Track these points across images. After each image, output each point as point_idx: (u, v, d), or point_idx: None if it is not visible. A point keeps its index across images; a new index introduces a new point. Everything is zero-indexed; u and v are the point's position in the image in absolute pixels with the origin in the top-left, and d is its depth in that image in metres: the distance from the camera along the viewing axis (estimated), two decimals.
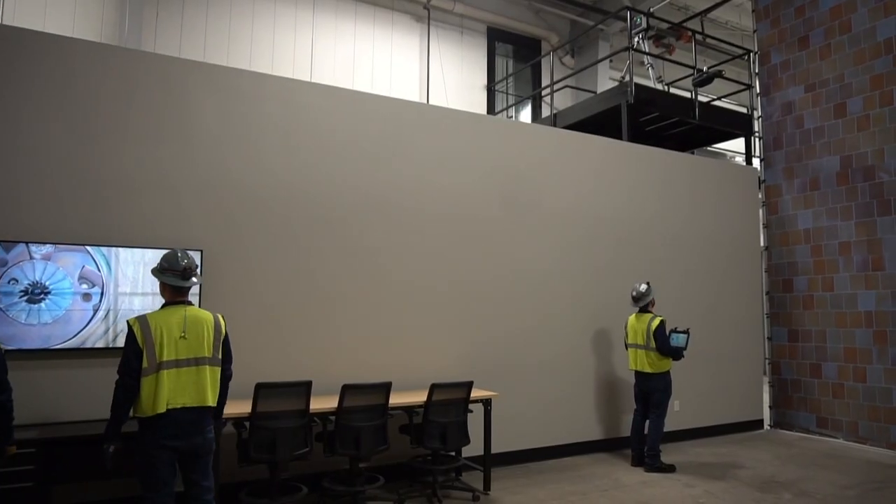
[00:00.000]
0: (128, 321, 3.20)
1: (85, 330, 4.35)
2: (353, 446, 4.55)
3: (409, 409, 4.93)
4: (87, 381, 4.37)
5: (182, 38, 8.14)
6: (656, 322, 5.96)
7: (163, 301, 3.38)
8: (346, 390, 4.51)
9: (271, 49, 8.82)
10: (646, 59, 9.02)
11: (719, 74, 8.09)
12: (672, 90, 9.04)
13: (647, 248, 7.18)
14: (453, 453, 5.30)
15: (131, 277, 4.50)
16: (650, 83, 8.84)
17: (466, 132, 6.13)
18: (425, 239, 5.79)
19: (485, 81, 10.94)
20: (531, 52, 11.61)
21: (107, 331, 4.41)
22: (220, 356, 3.33)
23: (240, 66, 6.74)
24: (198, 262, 3.35)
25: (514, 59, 11.63)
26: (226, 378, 3.41)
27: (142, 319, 3.20)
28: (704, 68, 8.20)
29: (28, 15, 6.79)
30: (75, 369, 4.36)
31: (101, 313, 4.40)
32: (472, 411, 5.13)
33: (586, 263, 6.72)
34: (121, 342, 4.43)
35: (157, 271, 3.32)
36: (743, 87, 8.92)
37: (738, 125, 8.76)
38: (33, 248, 4.22)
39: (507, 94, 11.42)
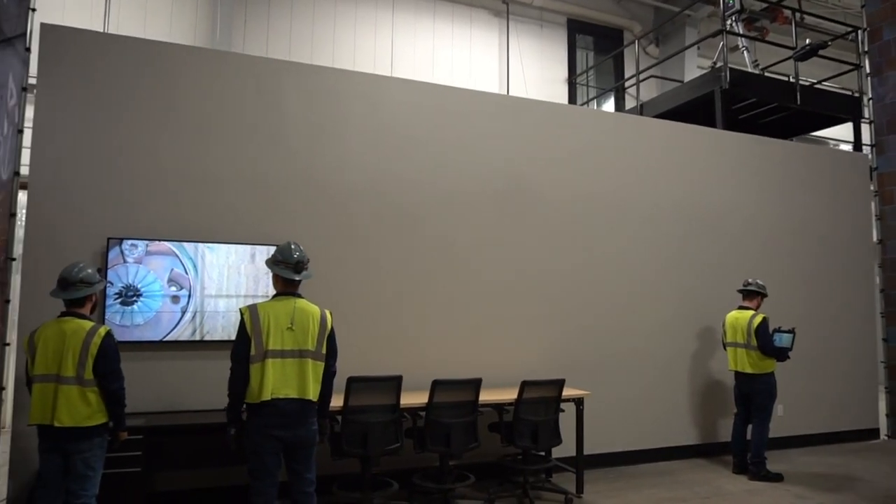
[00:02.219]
0: (240, 309, 3.30)
1: (174, 331, 4.49)
2: (444, 443, 4.47)
3: (499, 407, 4.81)
4: (189, 373, 4.52)
5: (268, 42, 8.38)
6: (758, 319, 5.57)
7: (274, 292, 3.44)
8: (436, 386, 4.44)
9: (353, 50, 8.94)
10: (740, 42, 8.51)
11: (824, 45, 7.48)
12: (768, 75, 8.48)
13: (747, 242, 6.74)
14: (543, 453, 5.13)
15: (216, 280, 4.62)
16: (745, 68, 8.32)
17: (551, 123, 5.95)
18: (514, 233, 5.66)
19: (565, 75, 10.68)
20: (613, 42, 11.25)
21: (194, 332, 4.54)
22: (323, 351, 3.33)
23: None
24: (315, 255, 3.39)
25: (595, 51, 11.30)
26: (329, 374, 3.41)
27: (252, 308, 3.26)
28: (807, 41, 7.62)
29: (129, 22, 7.19)
30: (176, 361, 4.51)
31: (188, 315, 4.53)
32: (563, 410, 4.94)
33: (681, 258, 6.38)
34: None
35: (270, 263, 3.38)
36: (850, 67, 8.25)
37: (844, 109, 8.11)
38: (126, 251, 4.39)
39: (588, 86, 11.11)
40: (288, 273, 3.33)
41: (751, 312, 5.69)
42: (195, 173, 4.68)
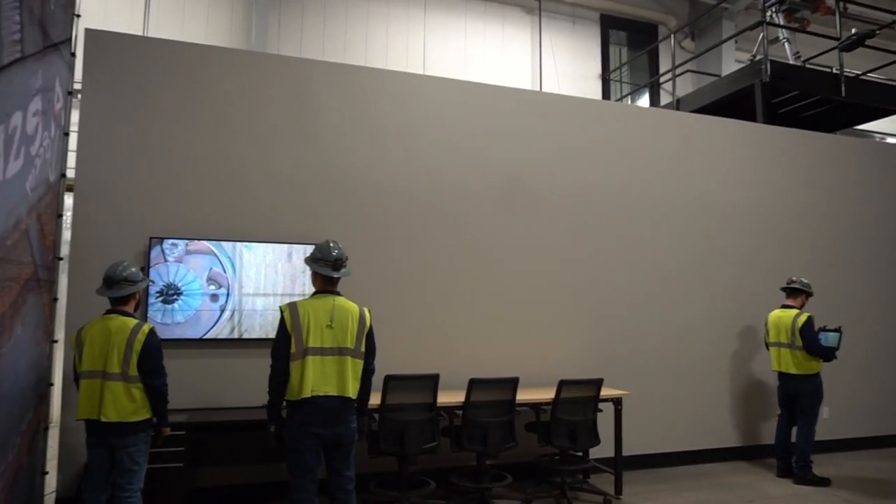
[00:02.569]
0: (280, 307, 3.31)
1: (213, 330, 4.56)
2: (481, 442, 4.45)
3: (536, 406, 4.76)
4: (228, 370, 4.58)
5: (302, 42, 8.47)
6: (803, 318, 5.40)
7: (312, 290, 3.46)
8: (473, 385, 4.42)
9: (385, 50, 8.97)
10: (781, 33, 8.27)
11: (871, 34, 7.21)
12: (810, 67, 8.23)
13: (790, 239, 6.55)
14: (581, 454, 5.07)
15: (254, 279, 4.66)
16: (786, 60, 8.09)
17: (584, 119, 5.87)
18: (550, 231, 5.60)
19: (599, 71, 10.54)
20: (647, 38, 11.06)
21: (232, 330, 4.60)
22: (362, 349, 3.34)
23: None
24: (350, 254, 3.41)
25: (629, 46, 11.13)
26: (368, 372, 3.41)
27: (292, 306, 3.28)
28: (853, 30, 7.37)
29: (168, 25, 7.35)
30: (215, 359, 4.57)
31: (227, 314, 4.59)
32: (601, 410, 4.87)
33: (722, 256, 6.24)
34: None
35: (309, 260, 3.40)
36: None
37: (892, 100, 7.82)
38: (167, 250, 4.47)
39: (621, 82, 10.95)
40: (327, 271, 3.34)
41: (794, 311, 5.53)
42: (233, 173, 4.74)
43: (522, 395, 4.65)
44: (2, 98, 3.23)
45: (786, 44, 8.29)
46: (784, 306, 5.64)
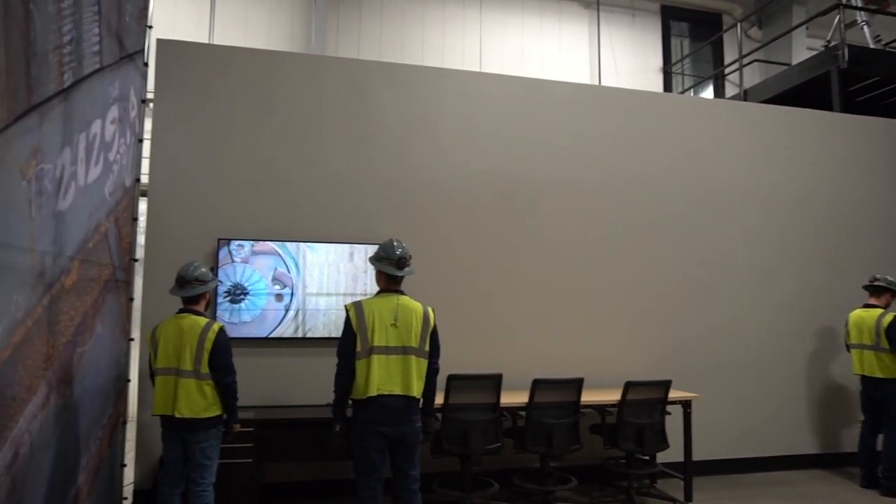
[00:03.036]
0: (345, 306, 3.34)
1: (278, 329, 4.64)
2: (545, 444, 4.37)
3: (601, 408, 4.64)
4: (292, 369, 4.66)
5: (360, 45, 8.58)
6: (888, 318, 5.06)
7: (376, 290, 3.47)
8: (537, 385, 4.34)
9: (441, 50, 8.99)
10: (858, 16, 7.81)
11: None
12: (891, 52, 7.73)
13: (874, 235, 6.16)
14: (648, 458, 4.91)
15: (317, 278, 4.73)
16: (865, 45, 7.63)
17: (649, 113, 5.69)
18: (613, 229, 5.46)
19: (660, 64, 10.24)
20: (710, 28, 10.67)
21: (296, 329, 4.67)
22: (426, 348, 3.32)
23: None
24: (412, 253, 3.41)
25: (691, 38, 10.77)
26: (432, 372, 3.40)
27: (357, 305, 3.30)
28: None
29: (231, 32, 7.59)
30: (280, 357, 4.67)
31: (291, 313, 4.67)
32: (669, 413, 4.70)
33: (798, 252, 5.93)
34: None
35: (374, 259, 3.42)
36: None
37: None
38: (234, 251, 4.58)
39: (683, 75, 10.60)
40: (391, 269, 3.34)
41: (879, 311, 5.19)
42: (295, 175, 4.83)
43: (587, 397, 4.54)
44: (83, 107, 3.38)
45: (864, 27, 7.83)
46: (867, 305, 5.31)
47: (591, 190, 5.43)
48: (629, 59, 9.97)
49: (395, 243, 3.40)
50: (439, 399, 4.10)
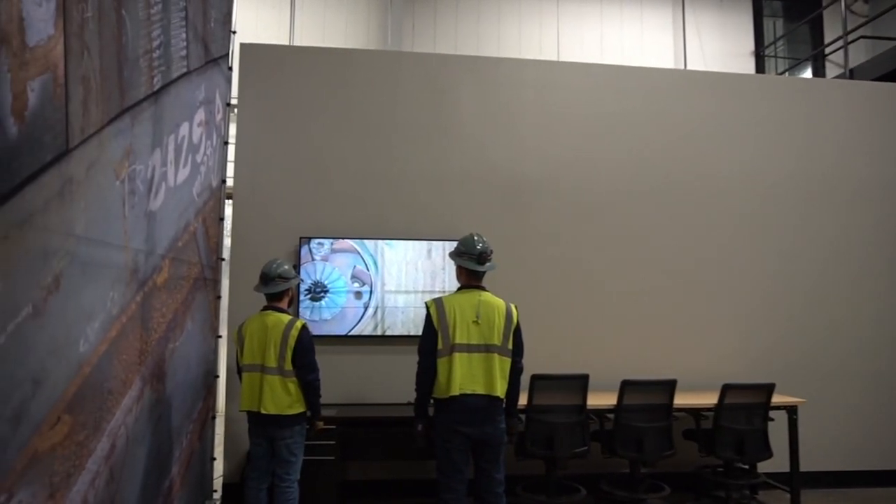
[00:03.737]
0: (426, 302, 3.26)
1: (357, 326, 4.63)
2: (635, 449, 4.13)
3: (696, 412, 4.35)
4: (372, 367, 4.65)
5: (435, 41, 8.55)
6: None
7: (455, 287, 3.38)
8: (626, 386, 4.12)
9: (518, 43, 8.81)
10: None
11: None
12: None
13: None
14: (748, 466, 4.56)
15: (395, 276, 4.69)
16: None
17: (742, 97, 5.29)
18: (706, 221, 5.12)
19: (751, 47, 9.61)
20: (808, 6, 9.91)
21: (375, 327, 4.64)
22: (509, 346, 3.19)
23: None
24: (492, 247, 3.29)
25: (786, 18, 10.04)
26: (516, 371, 3.26)
27: (438, 301, 3.22)
28: None
29: (310, 33, 7.75)
30: (360, 355, 4.66)
31: (370, 311, 4.65)
32: (772, 419, 4.34)
33: None
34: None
35: (454, 255, 3.33)
36: None
37: None
38: (314, 249, 4.61)
39: (777, 58, 9.90)
40: (472, 264, 3.23)
41: None
42: (375, 173, 4.83)
43: (680, 399, 4.27)
44: (171, 109, 3.48)
45: None
46: None
47: (682, 180, 5.12)
48: (717, 44, 9.40)
49: (475, 237, 3.29)
50: (523, 400, 3.97)
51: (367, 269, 4.68)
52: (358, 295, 4.67)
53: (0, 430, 1.90)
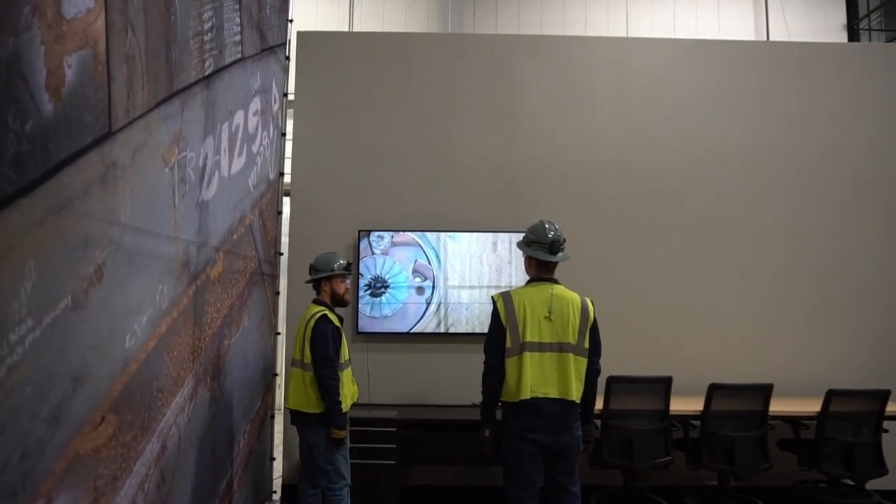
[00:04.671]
0: (492, 297, 2.97)
1: (419, 323, 4.40)
2: (725, 460, 3.72)
3: (794, 420, 3.89)
4: (435, 366, 4.42)
5: (497, 23, 8.24)
6: None
7: (527, 278, 3.06)
8: (715, 391, 3.71)
9: (584, 22, 8.39)
10: None
11: None
12: None
13: None
14: (855, 484, 4.04)
15: (459, 270, 4.43)
16: None
17: (837, 70, 4.73)
18: (803, 207, 4.60)
19: (843, 20, 8.83)
20: None
21: (438, 324, 4.40)
22: (585, 345, 2.87)
23: None
24: (565, 236, 2.97)
25: None
26: (593, 372, 2.93)
27: (506, 296, 2.93)
28: None
29: (370, 20, 7.60)
30: (422, 354, 4.43)
31: (433, 307, 4.41)
32: (886, 431, 3.83)
33: None
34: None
35: (523, 244, 3.01)
36: None
37: None
38: (374, 242, 4.41)
39: (871, 30, 9.06)
40: (543, 254, 2.92)
41: None
42: (437, 162, 4.59)
43: (776, 406, 3.81)
44: (225, 96, 3.34)
45: None
46: None
47: (771, 163, 4.62)
48: (803, 17, 8.67)
49: (546, 225, 2.98)
50: (598, 404, 3.62)
51: (430, 263, 4.45)
52: (420, 290, 4.44)
53: (36, 430, 1.75)
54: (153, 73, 2.48)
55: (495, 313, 2.89)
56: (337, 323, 3.30)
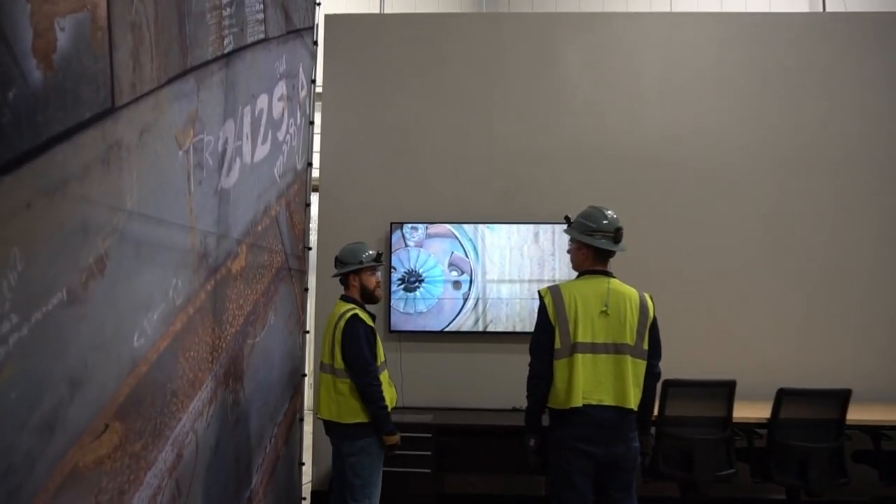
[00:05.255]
0: (539, 291, 2.66)
1: (456, 320, 4.14)
2: (795, 473, 3.35)
3: (875, 430, 3.49)
4: (473, 367, 4.14)
5: (534, 5, 7.85)
6: None
7: (573, 273, 2.74)
8: (783, 396, 3.35)
9: (625, 2, 7.94)
10: None
11: None
12: None
13: None
14: None
15: (497, 263, 4.14)
16: None
17: None
18: (880, 194, 4.17)
19: None
20: None
21: (476, 321, 4.13)
22: (644, 346, 2.56)
23: None
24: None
25: None
26: (653, 376, 2.61)
27: (554, 290, 2.61)
28: None
29: (401, 5, 7.31)
30: (460, 354, 4.16)
31: (470, 302, 4.14)
32: None
33: None
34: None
35: (581, 232, 2.64)
36: None
37: None
38: (407, 234, 4.16)
39: None
40: (607, 243, 2.60)
41: None
42: (473, 150, 4.33)
43: (855, 414, 3.42)
44: (247, 78, 3.12)
45: None
46: None
47: (843, 148, 4.21)
48: None
49: (604, 211, 2.66)
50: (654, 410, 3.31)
51: (466, 256, 4.17)
52: (456, 285, 4.17)
53: (24, 442, 1.52)
54: (164, 47, 2.25)
55: (542, 310, 2.59)
56: (370, 322, 3.03)
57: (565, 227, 2.76)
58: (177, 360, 2.34)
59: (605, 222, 2.61)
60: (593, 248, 2.60)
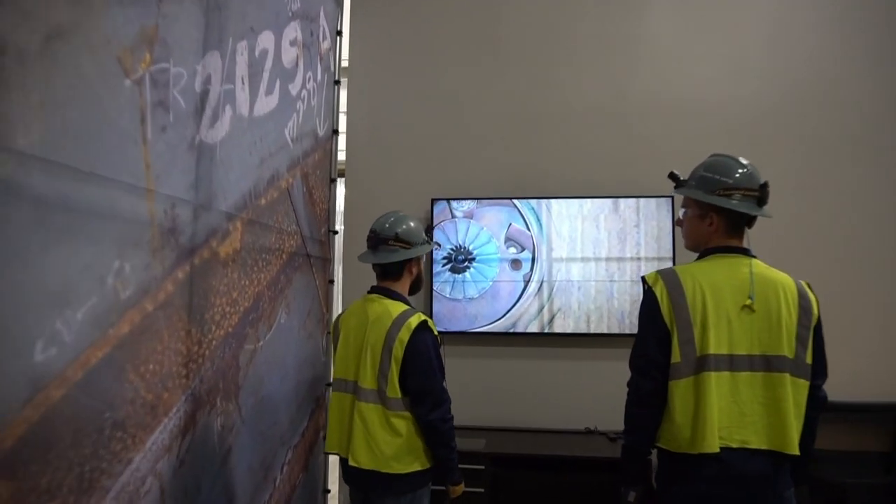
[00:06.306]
0: (644, 277, 1.81)
1: (515, 308, 3.35)
2: None
3: None
4: (535, 374, 3.34)
5: None
6: None
7: (686, 248, 1.93)
8: None
9: None
10: None
11: None
12: None
13: None
14: None
15: (567, 237, 3.32)
16: None
17: None
18: None
19: None
20: None
21: (541, 309, 3.33)
22: (808, 360, 1.70)
23: None
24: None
25: None
26: (818, 404, 1.75)
27: (668, 275, 1.76)
28: None
29: None
30: (520, 358, 3.36)
31: (533, 286, 3.34)
32: None
33: None
34: (560, 327, 3.32)
35: (710, 195, 1.75)
36: None
37: None
38: (454, 204, 3.39)
39: None
40: (749, 206, 1.74)
41: None
42: (533, 110, 3.55)
43: None
44: (243, 4, 2.39)
45: None
46: None
47: None
48: None
49: (740, 160, 1.80)
50: None
51: (528, 229, 3.37)
52: (515, 264, 3.38)
53: None
54: None
55: (651, 305, 1.73)
56: (436, 331, 2.20)
57: (675, 187, 1.91)
58: (122, 377, 1.62)
59: (743, 175, 1.75)
60: (726, 214, 1.75)
